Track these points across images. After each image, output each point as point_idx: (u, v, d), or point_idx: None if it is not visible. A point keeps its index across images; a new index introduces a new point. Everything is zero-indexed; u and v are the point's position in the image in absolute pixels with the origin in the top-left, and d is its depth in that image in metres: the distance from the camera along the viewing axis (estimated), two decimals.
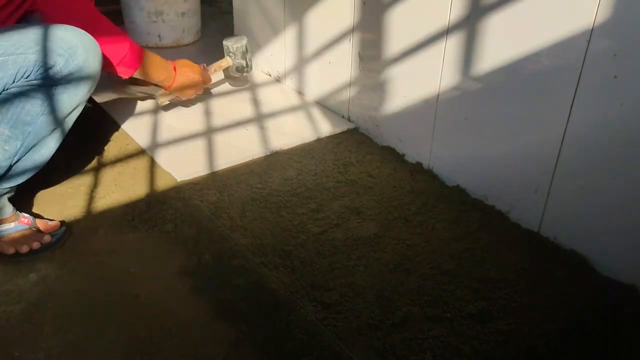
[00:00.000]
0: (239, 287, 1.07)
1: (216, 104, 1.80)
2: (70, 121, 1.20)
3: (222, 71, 1.86)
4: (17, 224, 1.18)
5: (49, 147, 1.18)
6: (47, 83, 1.10)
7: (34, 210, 1.28)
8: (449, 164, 1.41)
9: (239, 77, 1.89)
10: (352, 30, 1.58)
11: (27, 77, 1.08)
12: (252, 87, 1.95)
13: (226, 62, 1.82)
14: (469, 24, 1.23)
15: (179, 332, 0.99)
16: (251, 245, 1.18)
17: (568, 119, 1.10)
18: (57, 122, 1.16)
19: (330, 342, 0.96)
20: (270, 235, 1.21)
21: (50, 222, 1.22)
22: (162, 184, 1.39)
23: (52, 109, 1.13)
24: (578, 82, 1.07)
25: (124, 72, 1.44)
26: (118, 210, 1.29)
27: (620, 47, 0.99)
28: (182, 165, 1.45)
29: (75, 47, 1.11)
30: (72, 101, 1.16)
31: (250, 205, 1.31)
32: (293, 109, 1.80)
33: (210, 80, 1.77)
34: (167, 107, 1.75)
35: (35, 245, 1.15)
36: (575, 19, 1.04)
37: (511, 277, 1.11)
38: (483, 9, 1.19)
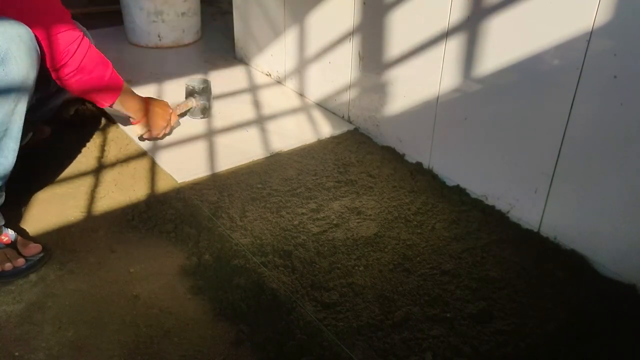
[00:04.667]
0: (239, 287, 1.07)
1: (217, 106, 1.80)
2: (15, 127, 1.09)
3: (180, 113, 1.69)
4: None
5: (6, 156, 1.09)
6: None
7: (34, 210, 1.29)
8: (449, 164, 1.41)
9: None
10: (353, 31, 1.58)
11: None
12: (253, 89, 1.95)
13: (191, 103, 1.68)
14: (469, 25, 1.23)
15: (179, 332, 0.99)
16: (251, 245, 1.18)
17: (568, 119, 1.10)
18: None
19: (330, 342, 0.96)
20: (270, 235, 1.21)
21: (31, 245, 1.14)
22: (162, 184, 1.39)
23: None
24: (578, 82, 1.07)
25: (103, 100, 1.36)
26: (118, 210, 1.29)
27: (620, 47, 0.99)
28: (182, 167, 1.45)
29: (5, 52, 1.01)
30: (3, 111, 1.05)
31: (250, 205, 1.31)
32: (293, 111, 1.80)
33: (177, 120, 1.63)
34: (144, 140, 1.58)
35: (8, 266, 1.09)
36: (575, 19, 1.04)
37: (511, 277, 1.11)
38: (483, 10, 1.19)
